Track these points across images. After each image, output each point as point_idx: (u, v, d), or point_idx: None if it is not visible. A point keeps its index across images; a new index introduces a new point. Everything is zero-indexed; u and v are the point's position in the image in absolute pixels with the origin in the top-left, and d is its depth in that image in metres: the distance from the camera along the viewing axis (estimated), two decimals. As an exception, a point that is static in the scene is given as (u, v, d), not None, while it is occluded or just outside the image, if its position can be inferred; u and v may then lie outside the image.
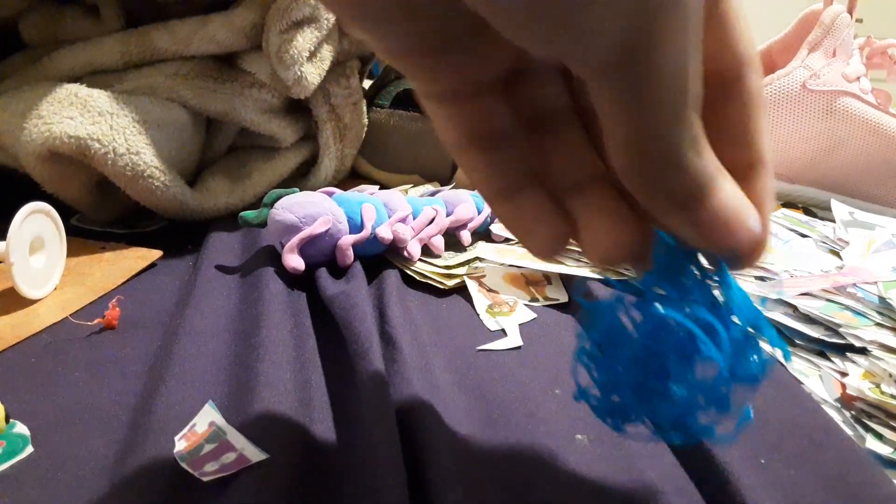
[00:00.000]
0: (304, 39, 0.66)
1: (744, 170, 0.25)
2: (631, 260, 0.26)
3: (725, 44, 0.24)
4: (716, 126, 0.24)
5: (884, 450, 0.35)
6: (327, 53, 0.71)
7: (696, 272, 0.25)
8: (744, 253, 0.23)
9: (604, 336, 0.26)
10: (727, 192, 0.22)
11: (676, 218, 0.22)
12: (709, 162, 0.21)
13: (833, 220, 0.66)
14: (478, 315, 0.49)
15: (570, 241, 0.28)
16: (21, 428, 0.35)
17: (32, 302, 0.49)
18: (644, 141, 0.20)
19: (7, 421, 0.35)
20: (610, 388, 0.27)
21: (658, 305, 0.25)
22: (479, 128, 0.26)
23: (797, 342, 0.44)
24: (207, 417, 0.34)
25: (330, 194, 0.57)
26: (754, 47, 0.25)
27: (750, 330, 0.25)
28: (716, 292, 0.25)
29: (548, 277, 0.55)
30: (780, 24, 0.79)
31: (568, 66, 0.20)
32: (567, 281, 0.54)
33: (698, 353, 0.24)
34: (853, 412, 0.38)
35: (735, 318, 0.25)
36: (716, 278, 0.25)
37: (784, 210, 0.71)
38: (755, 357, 0.25)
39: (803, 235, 0.63)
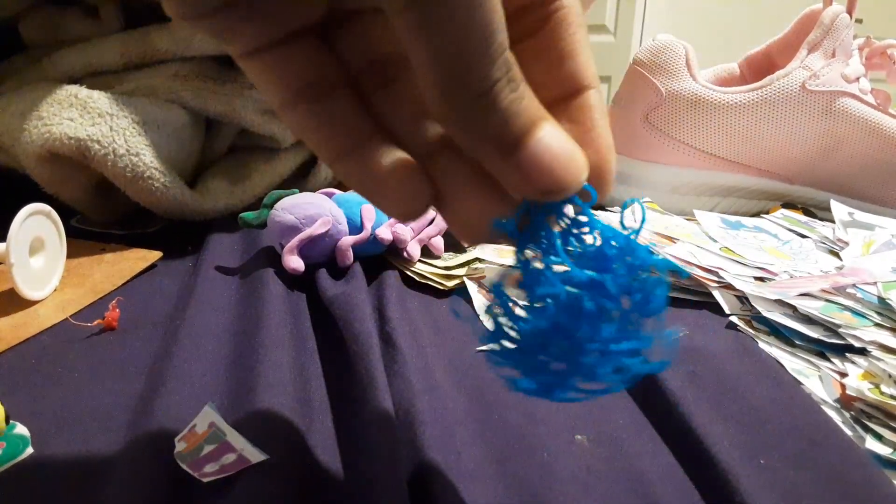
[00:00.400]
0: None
1: (570, 97, 0.24)
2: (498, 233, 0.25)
3: None
4: (533, 55, 0.24)
5: (883, 450, 0.35)
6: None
7: (562, 223, 0.24)
8: (581, 190, 0.23)
9: (503, 324, 0.25)
10: (548, 133, 0.21)
11: (499, 164, 0.22)
12: (527, 101, 0.21)
13: (832, 221, 0.66)
14: (477, 316, 0.49)
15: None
16: (21, 429, 0.35)
17: (32, 303, 0.49)
18: (454, 81, 0.20)
19: (7, 422, 0.35)
20: (530, 369, 0.26)
21: (534, 276, 0.24)
22: (302, 80, 0.25)
23: (797, 342, 0.44)
24: (207, 418, 0.34)
25: (330, 195, 0.57)
26: None
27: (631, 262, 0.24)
28: (588, 238, 0.24)
29: (547, 278, 0.55)
30: (779, 25, 0.79)
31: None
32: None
33: (590, 311, 0.24)
34: (853, 413, 0.38)
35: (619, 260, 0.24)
36: (582, 222, 0.24)
37: (783, 210, 0.71)
38: (649, 289, 0.24)
39: (802, 236, 0.63)
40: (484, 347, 0.26)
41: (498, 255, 0.57)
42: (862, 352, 0.43)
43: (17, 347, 0.44)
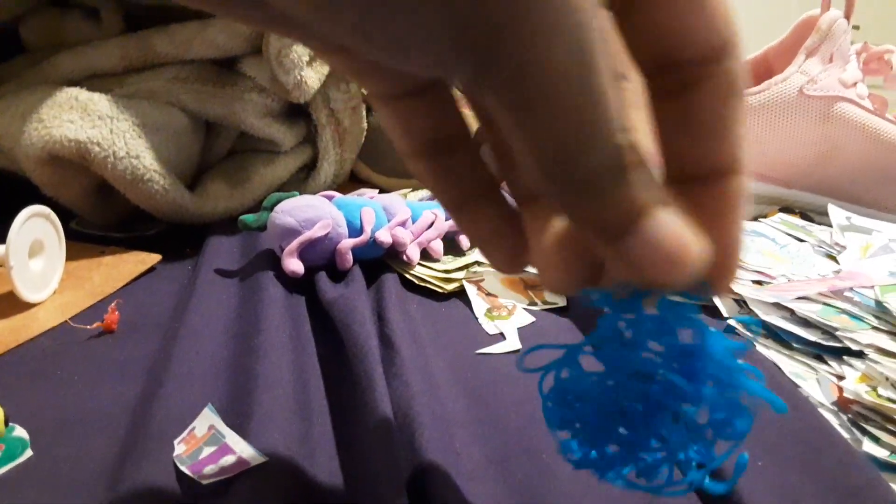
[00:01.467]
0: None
1: (714, 173, 0.22)
2: (583, 287, 0.23)
3: (694, 21, 0.21)
4: (682, 119, 0.22)
5: (880, 453, 0.35)
6: (327, 58, 0.70)
7: (662, 312, 0.22)
8: (696, 284, 0.21)
9: (570, 389, 0.24)
10: (661, 221, 0.19)
11: (604, 250, 0.20)
12: (638, 187, 0.18)
13: (830, 225, 0.67)
14: (476, 319, 0.49)
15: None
16: (20, 431, 0.35)
17: (32, 305, 0.49)
18: (555, 169, 0.18)
19: (6, 424, 0.35)
20: (587, 442, 0.25)
21: (616, 354, 0.23)
22: (429, 132, 0.25)
23: (794, 346, 0.44)
24: (207, 420, 0.34)
25: (329, 198, 0.57)
26: (733, 23, 0.21)
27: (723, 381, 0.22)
28: (686, 334, 0.23)
29: (546, 281, 0.55)
30: (777, 29, 0.79)
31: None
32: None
33: (668, 407, 0.23)
34: (850, 415, 0.38)
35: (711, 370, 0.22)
36: (685, 316, 0.22)
37: (781, 214, 0.71)
38: (733, 413, 0.23)
39: (800, 240, 0.63)
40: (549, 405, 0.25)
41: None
42: (859, 355, 0.43)
43: (17, 350, 0.44)
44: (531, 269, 0.55)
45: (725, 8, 0.21)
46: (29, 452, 0.34)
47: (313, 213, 0.53)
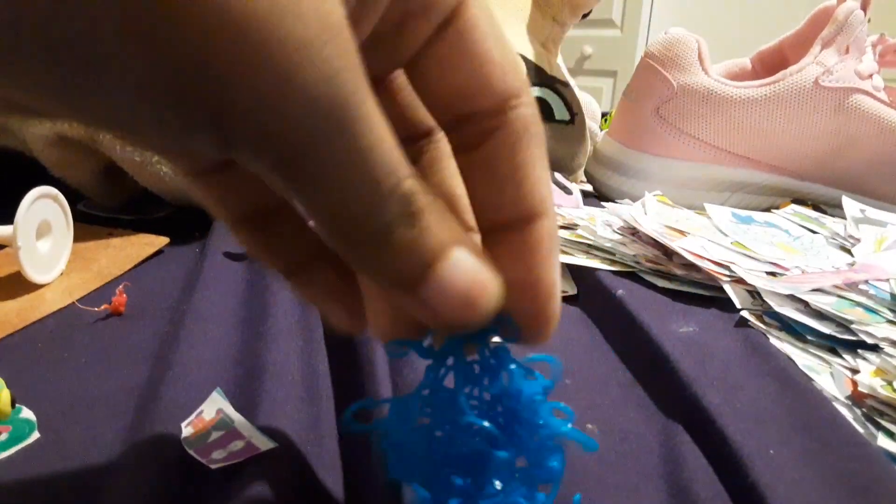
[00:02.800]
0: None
1: (520, 219, 0.22)
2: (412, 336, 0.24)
3: (479, 76, 0.21)
4: (482, 170, 0.22)
5: (895, 448, 0.35)
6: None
7: (474, 357, 0.23)
8: (505, 325, 0.22)
9: (402, 443, 0.24)
10: (454, 263, 0.19)
11: (401, 299, 0.20)
12: (429, 233, 0.19)
13: (843, 217, 0.66)
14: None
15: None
16: (27, 413, 0.35)
17: (39, 287, 0.49)
18: (338, 229, 0.18)
19: (13, 406, 0.34)
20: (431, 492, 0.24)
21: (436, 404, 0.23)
22: (245, 205, 0.24)
23: (808, 338, 0.44)
24: (215, 405, 0.34)
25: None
26: (518, 73, 0.22)
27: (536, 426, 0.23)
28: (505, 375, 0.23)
29: (556, 270, 0.55)
30: (779, 20, 0.79)
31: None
32: (576, 273, 0.54)
33: (488, 454, 0.23)
34: (864, 410, 0.38)
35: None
36: (500, 359, 0.23)
37: (794, 206, 0.70)
38: (546, 454, 0.24)
39: (813, 231, 0.63)
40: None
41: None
42: (874, 348, 0.42)
43: (24, 331, 0.44)
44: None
45: (510, 60, 0.21)
46: (36, 434, 0.33)
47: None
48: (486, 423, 0.22)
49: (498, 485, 0.23)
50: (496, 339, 0.23)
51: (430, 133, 0.25)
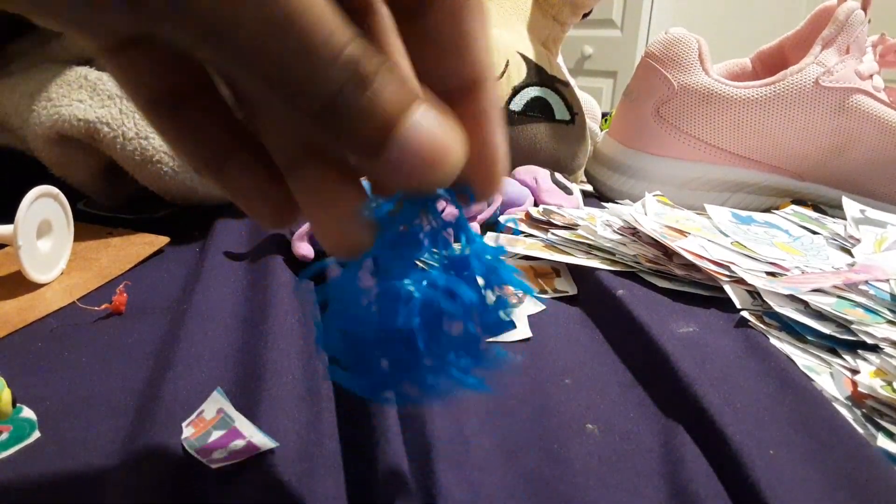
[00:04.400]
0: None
1: (463, 86, 0.23)
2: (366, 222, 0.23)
3: None
4: (424, 38, 0.22)
5: (895, 448, 0.35)
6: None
7: (429, 223, 0.23)
8: (459, 190, 0.22)
9: (344, 320, 0.24)
10: (417, 123, 0.19)
11: (367, 164, 0.20)
12: (388, 92, 0.19)
13: (843, 218, 0.66)
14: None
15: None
16: (28, 413, 0.34)
17: (39, 286, 0.49)
18: (292, 98, 0.18)
19: (14, 405, 0.35)
20: (360, 368, 0.25)
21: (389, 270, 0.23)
22: (159, 86, 0.23)
23: (808, 338, 0.44)
24: (216, 404, 0.34)
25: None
26: None
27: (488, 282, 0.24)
28: (456, 244, 0.24)
29: (556, 269, 0.55)
30: (792, 20, 0.79)
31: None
32: (576, 273, 0.54)
33: (441, 321, 0.23)
34: (864, 410, 0.38)
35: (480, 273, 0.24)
36: (453, 225, 0.23)
37: (794, 206, 0.70)
38: (499, 307, 0.24)
39: (813, 232, 0.63)
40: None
41: (507, 245, 0.56)
42: (874, 349, 0.42)
43: (24, 330, 0.44)
44: (524, 252, 0.54)
45: None
46: (37, 434, 0.33)
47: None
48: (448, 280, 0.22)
49: (434, 354, 0.23)
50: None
51: (371, 5, 0.24)
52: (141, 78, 0.23)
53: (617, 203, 0.71)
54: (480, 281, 0.24)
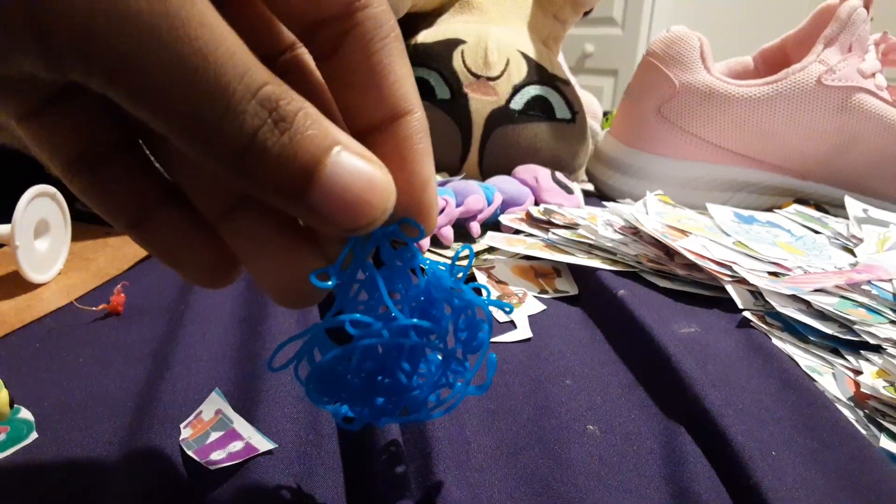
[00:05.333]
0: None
1: (387, 120, 0.22)
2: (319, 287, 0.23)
3: None
4: (342, 75, 0.22)
5: (898, 449, 0.34)
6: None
7: (387, 261, 0.24)
8: (405, 225, 0.22)
9: (325, 366, 0.24)
10: (339, 165, 0.19)
11: (294, 209, 0.19)
12: (307, 135, 0.18)
13: (845, 217, 0.66)
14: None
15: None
16: (26, 413, 0.34)
17: (37, 286, 0.49)
18: (206, 145, 0.18)
19: (11, 406, 0.34)
20: (356, 404, 0.26)
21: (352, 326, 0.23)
22: (74, 148, 0.23)
23: (810, 339, 0.44)
24: (214, 405, 0.34)
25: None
26: None
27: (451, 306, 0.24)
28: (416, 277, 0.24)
29: (557, 270, 0.55)
30: (782, 18, 0.79)
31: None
32: (577, 273, 0.54)
33: (417, 353, 0.24)
34: (867, 411, 0.38)
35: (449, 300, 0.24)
36: (408, 259, 0.24)
37: (796, 206, 0.70)
38: (473, 328, 0.25)
39: (815, 231, 0.63)
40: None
41: (508, 244, 0.56)
42: (877, 349, 0.42)
43: (22, 331, 0.44)
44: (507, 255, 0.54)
45: None
46: (34, 435, 0.33)
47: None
48: (411, 321, 0.23)
49: (420, 377, 0.25)
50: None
51: (291, 47, 0.24)
52: (56, 140, 0.22)
53: (618, 202, 0.71)
54: (447, 307, 0.25)
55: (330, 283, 0.22)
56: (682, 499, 0.30)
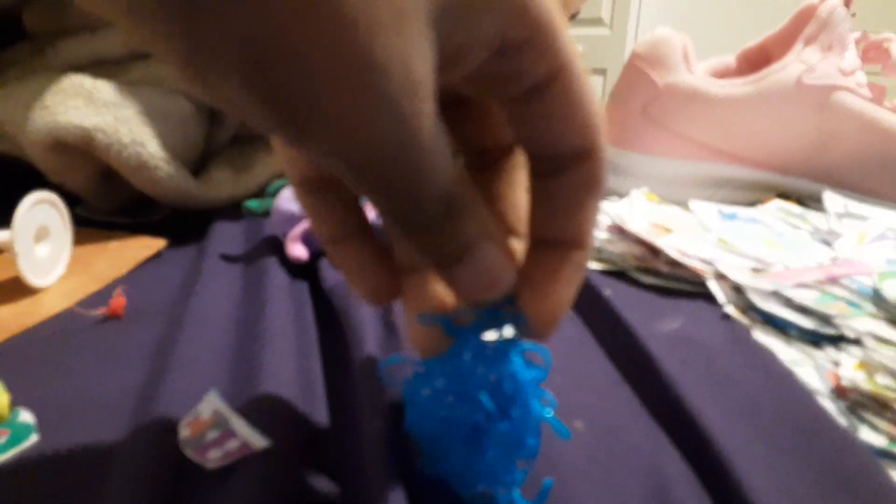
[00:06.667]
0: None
1: (563, 243, 0.27)
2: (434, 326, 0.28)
3: (563, 126, 0.25)
4: (547, 196, 0.27)
5: (878, 440, 0.35)
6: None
7: (490, 348, 0.28)
8: (519, 325, 0.27)
9: (416, 413, 0.30)
10: (484, 253, 0.24)
11: (440, 272, 0.25)
12: (466, 225, 0.23)
13: (826, 212, 0.67)
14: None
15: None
16: (26, 416, 0.35)
17: (37, 291, 0.50)
18: (398, 217, 0.22)
19: (11, 409, 0.35)
20: (431, 454, 0.30)
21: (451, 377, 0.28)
22: (306, 172, 0.28)
23: (791, 333, 0.45)
24: (211, 405, 0.34)
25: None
26: (597, 133, 0.25)
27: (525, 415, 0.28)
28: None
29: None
30: (775, 18, 0.80)
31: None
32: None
33: (480, 436, 0.28)
34: (847, 403, 0.38)
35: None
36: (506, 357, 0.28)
37: (777, 201, 0.71)
38: (525, 434, 0.28)
39: (797, 227, 0.64)
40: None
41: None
42: (857, 342, 0.43)
43: (22, 335, 0.44)
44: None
45: (594, 122, 0.25)
46: (35, 437, 0.34)
47: (316, 200, 0.53)
48: (488, 402, 0.27)
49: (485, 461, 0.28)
50: (507, 332, 0.28)
51: (510, 149, 0.29)
52: (297, 160, 0.28)
53: (605, 200, 0.71)
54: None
55: (443, 324, 0.28)
56: (664, 495, 0.31)
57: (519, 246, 0.29)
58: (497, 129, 0.29)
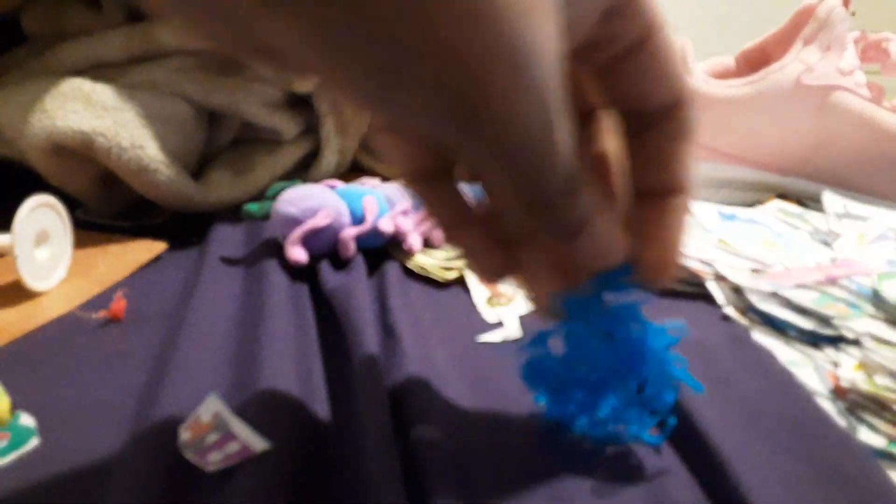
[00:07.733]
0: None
1: (661, 193, 0.29)
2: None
3: (654, 84, 0.27)
4: (644, 150, 0.29)
5: (877, 441, 0.35)
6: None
7: (614, 307, 0.31)
8: (636, 279, 0.30)
9: (540, 363, 0.33)
10: (600, 224, 0.26)
11: (561, 246, 0.26)
12: (584, 202, 0.25)
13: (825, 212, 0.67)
14: (475, 307, 0.49)
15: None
16: (26, 419, 0.35)
17: (38, 294, 0.50)
18: (525, 196, 0.23)
19: (12, 412, 0.35)
20: (560, 399, 0.34)
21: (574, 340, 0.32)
22: (424, 161, 0.29)
23: (790, 334, 0.45)
24: (211, 408, 0.34)
25: (332, 187, 0.57)
26: (686, 82, 0.27)
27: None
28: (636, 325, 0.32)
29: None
30: (773, 18, 0.79)
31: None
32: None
33: (615, 380, 0.32)
34: (846, 403, 0.38)
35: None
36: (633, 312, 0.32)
37: (777, 202, 0.71)
38: (661, 390, 0.33)
39: (796, 227, 0.64)
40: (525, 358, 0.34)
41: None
42: (855, 343, 0.43)
43: (23, 338, 0.44)
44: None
45: (680, 76, 0.27)
46: (35, 440, 0.34)
47: (316, 202, 0.53)
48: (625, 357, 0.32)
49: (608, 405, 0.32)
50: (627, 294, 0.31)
51: (590, 116, 0.31)
52: (410, 153, 0.29)
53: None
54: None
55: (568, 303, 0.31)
56: (664, 494, 0.31)
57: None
58: (581, 98, 0.30)
